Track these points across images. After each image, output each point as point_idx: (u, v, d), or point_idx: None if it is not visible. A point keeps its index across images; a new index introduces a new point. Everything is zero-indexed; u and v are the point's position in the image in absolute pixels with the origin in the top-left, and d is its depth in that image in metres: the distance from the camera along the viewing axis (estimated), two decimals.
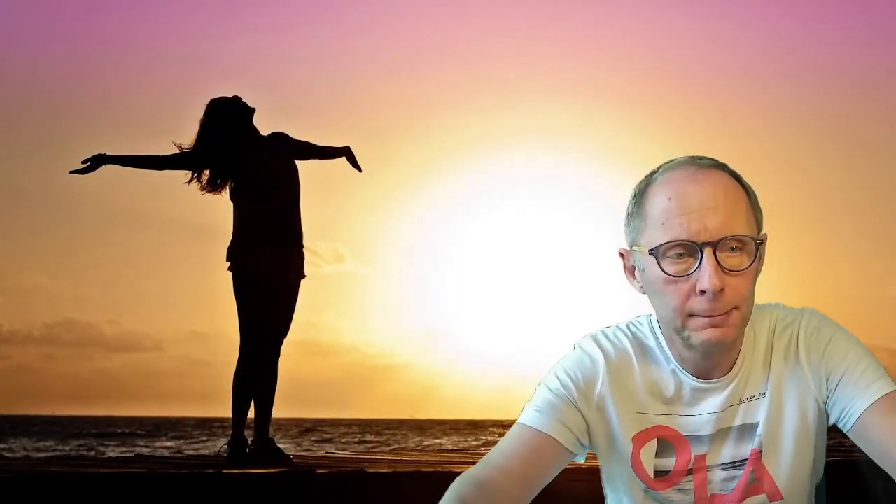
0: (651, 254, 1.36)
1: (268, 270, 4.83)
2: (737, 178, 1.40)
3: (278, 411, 4.97)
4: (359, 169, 5.32)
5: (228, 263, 4.90)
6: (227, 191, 4.96)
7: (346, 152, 5.30)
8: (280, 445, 4.99)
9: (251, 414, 4.89)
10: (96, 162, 4.83)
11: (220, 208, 5.01)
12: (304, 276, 5.00)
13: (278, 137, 5.10)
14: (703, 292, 1.34)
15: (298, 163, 5.08)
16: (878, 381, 1.42)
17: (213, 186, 4.94)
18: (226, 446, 4.89)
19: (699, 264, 1.33)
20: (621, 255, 1.47)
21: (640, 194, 1.42)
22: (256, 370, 4.86)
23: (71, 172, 4.87)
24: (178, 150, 4.91)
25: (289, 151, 5.07)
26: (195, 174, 4.94)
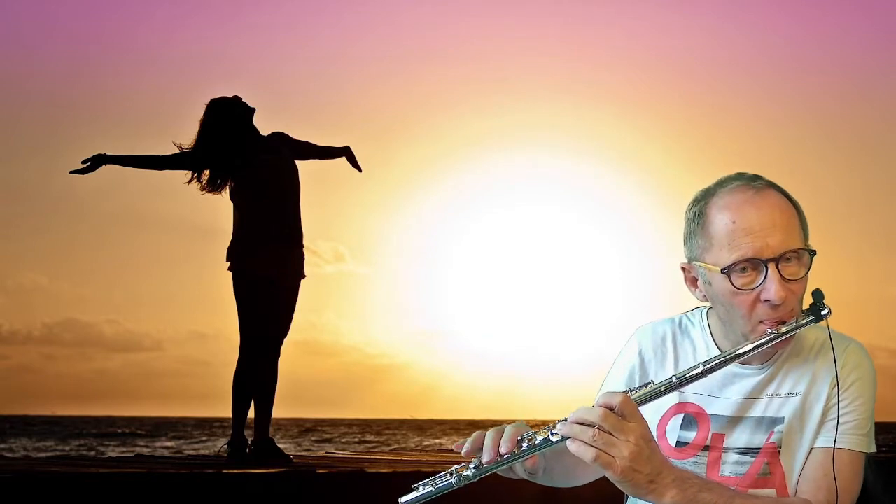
0: (723, 272, 1.53)
1: (268, 270, 4.83)
2: (786, 195, 1.57)
3: (278, 411, 4.98)
4: (359, 169, 5.33)
5: (228, 263, 4.91)
6: (227, 191, 4.96)
7: (346, 152, 5.31)
8: (280, 445, 4.99)
9: (251, 414, 4.89)
10: (96, 162, 4.84)
11: (220, 208, 5.03)
12: (303, 276, 5.00)
13: (278, 137, 5.11)
14: (767, 301, 1.51)
15: (298, 163, 5.09)
16: (853, 435, 1.57)
17: (213, 186, 4.95)
18: (226, 446, 4.89)
19: (764, 278, 1.51)
20: (683, 268, 1.64)
21: (701, 216, 1.58)
22: (256, 370, 4.87)
23: (71, 172, 4.88)
24: (178, 150, 4.92)
25: (289, 151, 5.08)
26: (195, 174, 4.94)
